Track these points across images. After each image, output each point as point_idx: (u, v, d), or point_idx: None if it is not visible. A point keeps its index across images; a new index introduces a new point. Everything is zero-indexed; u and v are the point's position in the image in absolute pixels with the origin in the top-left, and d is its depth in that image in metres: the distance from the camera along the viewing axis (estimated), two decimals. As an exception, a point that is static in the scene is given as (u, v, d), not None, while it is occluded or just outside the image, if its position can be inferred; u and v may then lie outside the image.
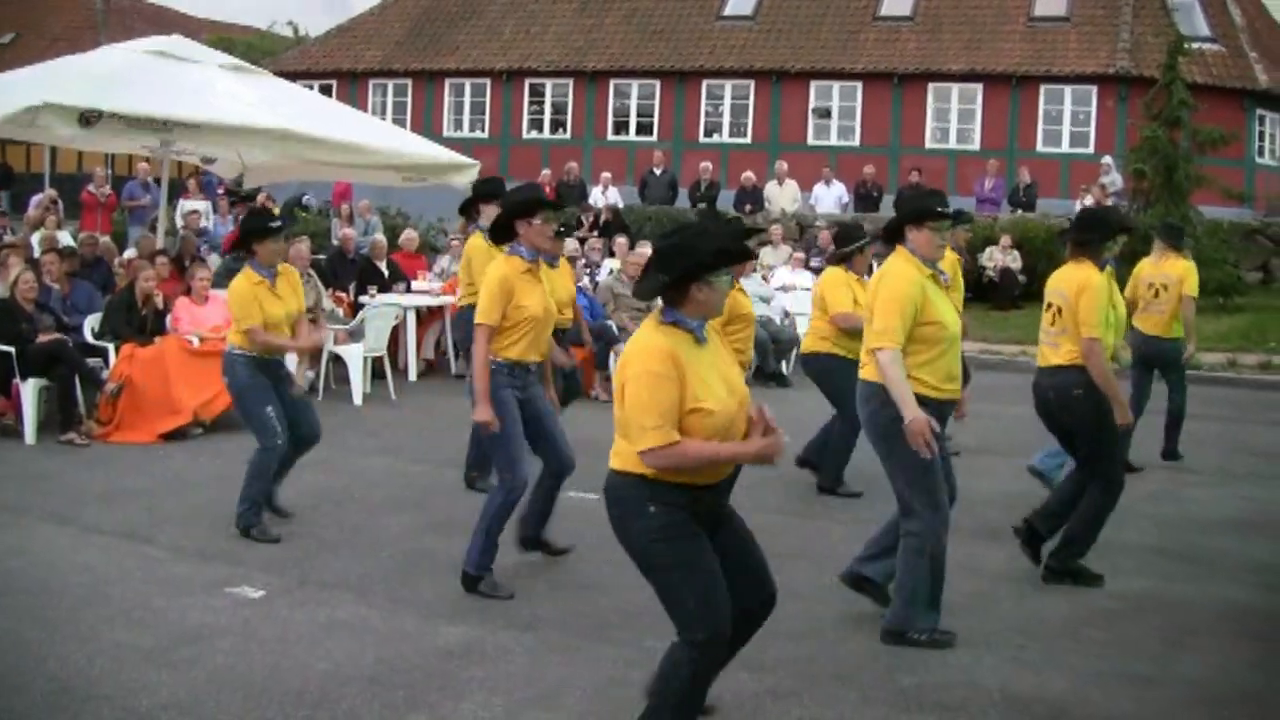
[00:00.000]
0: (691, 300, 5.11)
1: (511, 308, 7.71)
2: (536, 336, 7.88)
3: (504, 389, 7.75)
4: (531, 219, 7.82)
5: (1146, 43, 30.24)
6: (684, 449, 4.98)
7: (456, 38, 35.95)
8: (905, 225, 7.11)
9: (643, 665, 6.49)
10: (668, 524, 5.08)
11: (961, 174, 29.60)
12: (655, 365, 5.00)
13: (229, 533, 8.87)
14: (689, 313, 5.13)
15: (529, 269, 7.85)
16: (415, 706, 5.98)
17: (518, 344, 7.79)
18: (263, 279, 8.95)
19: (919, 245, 7.05)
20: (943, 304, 7.06)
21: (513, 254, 7.89)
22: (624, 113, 34.27)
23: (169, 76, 13.77)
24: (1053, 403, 8.24)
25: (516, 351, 7.79)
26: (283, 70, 28.12)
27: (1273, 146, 32.08)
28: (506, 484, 7.83)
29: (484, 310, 7.70)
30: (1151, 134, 24.12)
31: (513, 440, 7.79)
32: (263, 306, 8.92)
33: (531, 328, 7.80)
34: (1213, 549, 9.22)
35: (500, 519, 7.85)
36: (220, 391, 12.25)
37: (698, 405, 5.02)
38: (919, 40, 32.43)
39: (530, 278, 7.84)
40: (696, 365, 5.07)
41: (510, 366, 7.80)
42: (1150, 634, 7.34)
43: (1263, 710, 6.25)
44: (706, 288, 5.10)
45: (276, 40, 49.99)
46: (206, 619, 7.12)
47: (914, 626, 7.03)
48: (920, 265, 7.03)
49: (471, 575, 7.82)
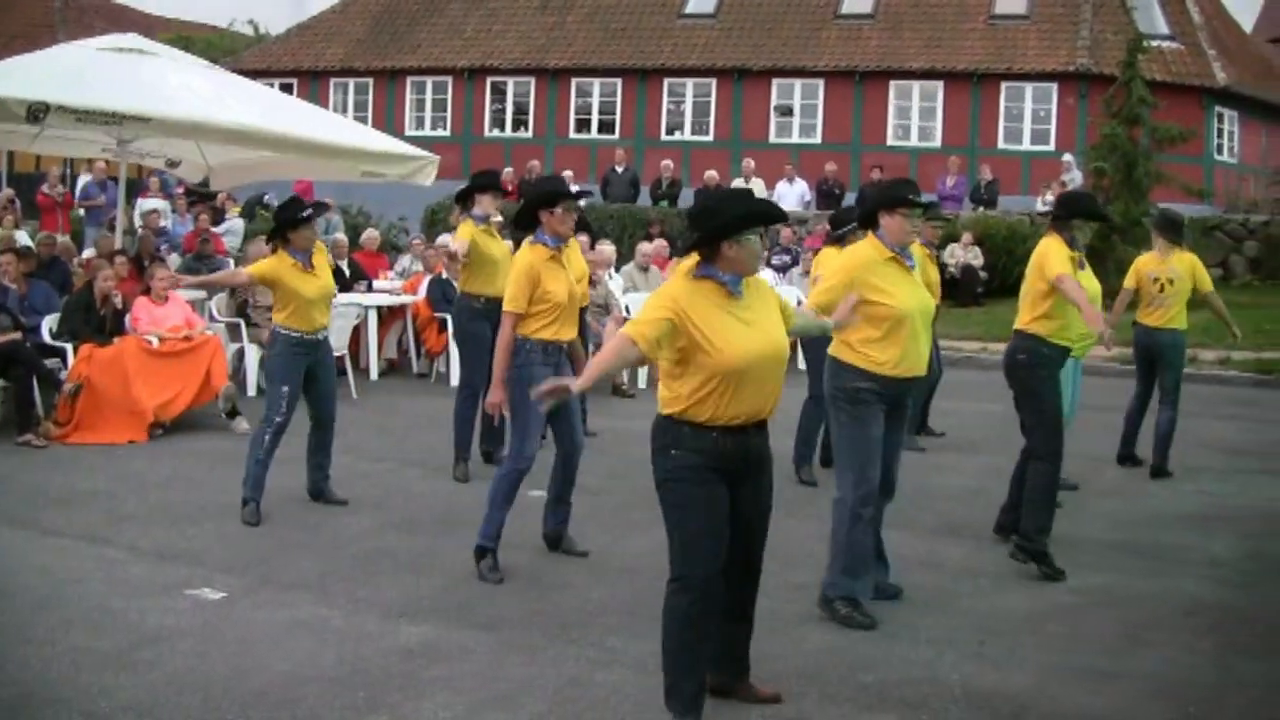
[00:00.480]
0: (723, 257, 5.62)
1: (539, 294, 8.08)
2: (566, 318, 8.25)
3: (538, 366, 8.00)
4: (554, 209, 8.19)
5: (1106, 40, 30.38)
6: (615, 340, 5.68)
7: (418, 36, 35.87)
8: (878, 211, 7.35)
9: (605, 665, 6.51)
10: (682, 467, 5.61)
11: (923, 171, 29.63)
12: (660, 298, 5.64)
13: (189, 534, 8.83)
14: (723, 268, 5.64)
15: (553, 256, 8.21)
16: (376, 707, 5.95)
17: (549, 326, 8.16)
18: (297, 261, 9.45)
19: (890, 231, 7.27)
20: (898, 284, 7.23)
21: (537, 242, 8.23)
22: (586, 111, 34.26)
23: (122, 72, 13.60)
24: (1004, 367, 8.77)
25: (549, 333, 8.17)
26: (243, 69, 28.00)
27: (1231, 144, 32.30)
28: (515, 453, 8.07)
29: (511, 298, 8.09)
30: (1111, 131, 24.21)
31: (533, 415, 7.99)
32: (297, 287, 9.43)
33: (560, 311, 8.17)
34: (1172, 544, 9.27)
35: (504, 484, 8.08)
36: (180, 392, 12.25)
37: (703, 347, 5.53)
38: (880, 38, 32.52)
39: (555, 264, 8.22)
40: (718, 314, 5.59)
41: (544, 345, 8.14)
42: (1110, 629, 7.37)
43: (1221, 704, 6.27)
44: (736, 245, 5.60)
45: (237, 39, 49.69)
46: (166, 621, 7.07)
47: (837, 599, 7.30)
48: (881, 247, 7.25)
49: (480, 546, 8.09)
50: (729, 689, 6.09)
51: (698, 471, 5.60)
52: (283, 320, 9.51)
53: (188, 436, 12.00)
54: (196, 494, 9.88)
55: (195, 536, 8.80)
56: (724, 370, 5.54)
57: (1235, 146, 32.41)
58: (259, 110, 14.33)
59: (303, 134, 14.45)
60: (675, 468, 5.63)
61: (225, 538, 8.82)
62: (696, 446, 5.61)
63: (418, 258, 18.79)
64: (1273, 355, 18.61)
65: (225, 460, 10.94)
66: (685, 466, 5.61)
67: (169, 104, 13.29)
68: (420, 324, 16.65)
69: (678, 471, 5.63)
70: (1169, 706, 6.22)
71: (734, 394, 5.58)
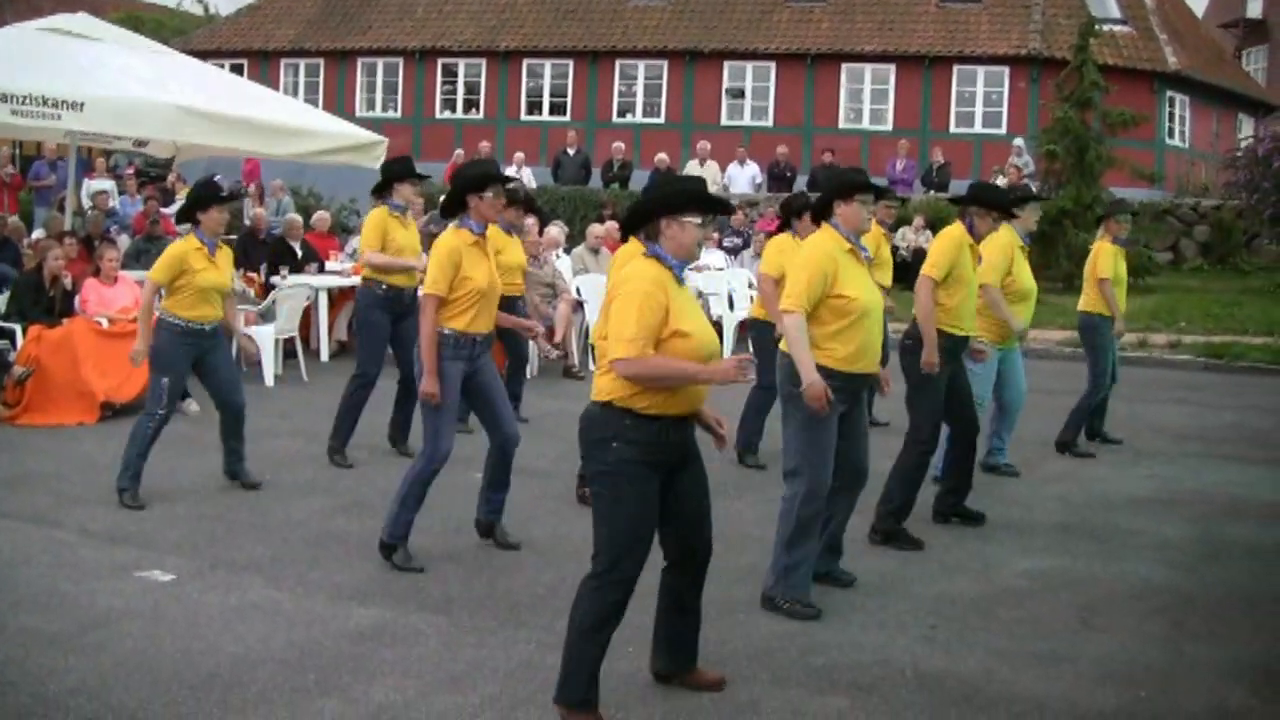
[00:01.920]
0: (664, 235, 5.63)
1: (458, 279, 7.81)
2: (483, 308, 7.97)
3: (448, 360, 7.81)
4: (482, 193, 7.95)
5: (1058, 24, 30.54)
6: (654, 359, 5.43)
7: (369, 17, 35.70)
8: (833, 200, 7.27)
9: (556, 648, 6.45)
10: (623, 461, 5.48)
11: (875, 154, 29.75)
12: (647, 285, 5.50)
13: (138, 516, 8.77)
14: (667, 249, 5.63)
15: (476, 242, 7.97)
16: (326, 690, 5.92)
17: (464, 314, 7.86)
18: (203, 246, 9.23)
19: (845, 219, 7.20)
20: (857, 278, 7.15)
21: (462, 226, 8.00)
22: (537, 93, 34.18)
23: (63, 54, 13.43)
24: (898, 351, 8.90)
25: (463, 323, 7.86)
26: (192, 49, 27.80)
27: (1182, 128, 32.54)
28: (428, 453, 7.89)
29: (432, 280, 7.79)
30: (1063, 115, 24.33)
31: (445, 413, 7.85)
32: (195, 273, 9.16)
33: (478, 299, 7.89)
34: (1121, 527, 9.32)
35: (418, 486, 7.91)
36: (131, 374, 12.11)
37: (677, 328, 5.48)
38: (832, 21, 32.57)
39: (478, 250, 7.97)
40: (678, 297, 5.58)
41: (457, 337, 7.86)
42: (1061, 612, 7.41)
43: (1170, 686, 6.31)
44: (676, 225, 5.61)
45: (186, 19, 49.37)
46: (115, 603, 7.01)
47: (780, 593, 7.19)
48: (840, 239, 7.16)
49: (386, 543, 7.89)
50: (675, 676, 6.07)
51: (637, 467, 5.49)
52: (169, 306, 9.23)
53: (137, 418, 11.90)
54: (146, 476, 9.76)
55: (145, 519, 8.74)
56: (695, 356, 5.50)
57: (1186, 131, 32.66)
58: (206, 95, 14.19)
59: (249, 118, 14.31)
60: (615, 461, 5.49)
61: (175, 520, 8.76)
62: (638, 438, 5.48)
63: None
64: (1222, 339, 18.74)
65: (174, 443, 10.84)
66: (625, 460, 5.48)
67: (108, 87, 13.12)
68: (371, 305, 16.55)
69: (617, 465, 5.49)
70: (1119, 690, 6.25)
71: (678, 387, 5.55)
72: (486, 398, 8.09)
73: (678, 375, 5.47)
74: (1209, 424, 13.59)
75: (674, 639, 6.03)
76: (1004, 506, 9.62)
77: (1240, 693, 6.25)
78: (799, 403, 6.96)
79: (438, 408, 7.77)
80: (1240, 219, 26.30)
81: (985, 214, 8.89)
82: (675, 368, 5.46)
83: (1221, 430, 13.31)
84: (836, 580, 7.64)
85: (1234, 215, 26.41)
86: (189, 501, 9.20)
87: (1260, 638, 7.09)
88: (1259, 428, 13.59)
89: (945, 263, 8.64)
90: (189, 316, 9.22)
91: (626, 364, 5.40)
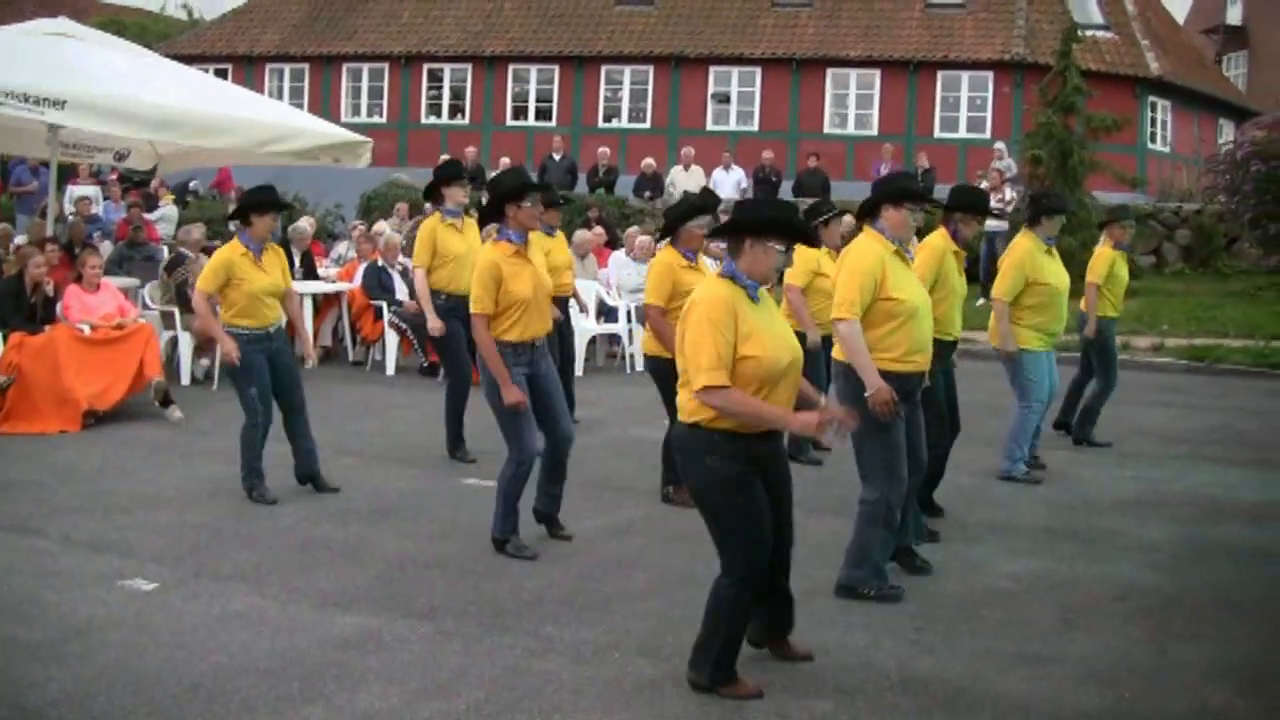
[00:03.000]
0: (744, 255, 5.79)
1: (502, 293, 7.91)
2: (534, 314, 8.10)
3: (511, 368, 7.96)
4: (521, 202, 8.02)
5: (1042, 29, 30.63)
6: (734, 394, 5.62)
7: (354, 22, 35.66)
8: (882, 204, 7.39)
9: (541, 654, 6.49)
10: (723, 475, 5.74)
11: (859, 159, 29.79)
12: (714, 313, 5.66)
13: (121, 524, 8.74)
14: (743, 268, 5.79)
15: (517, 251, 8.05)
16: (311, 698, 5.91)
17: (515, 326, 8.01)
18: (249, 251, 9.28)
19: (892, 224, 7.36)
20: (905, 280, 7.32)
21: (501, 239, 8.06)
22: (523, 98, 34.17)
23: (45, 53, 13.36)
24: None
25: (515, 333, 8.02)
26: (177, 54, 27.67)
27: (1164, 133, 32.64)
28: (515, 458, 8.12)
29: (477, 299, 7.92)
30: (1046, 120, 24.37)
31: (522, 417, 8.02)
32: (246, 278, 9.24)
33: (525, 308, 8.01)
34: (1106, 529, 9.33)
35: (515, 486, 8.17)
36: (113, 381, 12.09)
37: (746, 354, 5.64)
38: (817, 26, 32.61)
39: (519, 260, 8.05)
40: (750, 318, 5.71)
41: (513, 347, 8.00)
42: (1045, 614, 7.41)
43: (1153, 686, 6.32)
44: (759, 248, 5.77)
45: (170, 23, 49.24)
46: (98, 612, 6.98)
47: (865, 584, 7.38)
48: (885, 242, 7.29)
49: (497, 539, 8.19)
50: (771, 645, 6.46)
51: (741, 478, 5.76)
52: (229, 319, 9.35)
53: (120, 426, 11.87)
54: (129, 484, 9.77)
55: (127, 527, 8.70)
56: (764, 378, 5.70)
57: (1168, 136, 32.76)
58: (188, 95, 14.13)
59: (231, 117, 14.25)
60: (717, 480, 5.77)
61: (158, 528, 8.72)
62: (731, 453, 5.73)
63: (353, 244, 18.66)
64: (1204, 342, 18.78)
65: (158, 450, 10.85)
66: (727, 477, 5.75)
67: (90, 85, 13.05)
68: (355, 311, 16.57)
69: (721, 483, 5.76)
70: (1103, 690, 6.26)
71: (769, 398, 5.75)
72: (546, 400, 8.25)
73: (754, 416, 5.70)
74: (1192, 426, 13.62)
75: (770, 614, 6.32)
76: (989, 509, 9.63)
77: (1223, 693, 6.26)
78: (864, 409, 6.95)
79: (509, 413, 7.95)
80: (1221, 223, 26.37)
81: (969, 219, 8.89)
82: (753, 409, 5.68)
83: (1204, 432, 13.34)
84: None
85: (1215, 219, 26.46)
86: (172, 509, 9.17)
87: (1243, 638, 7.11)
88: (1241, 429, 13.62)
89: (929, 273, 8.61)
90: (250, 325, 9.31)
91: (708, 395, 5.62)
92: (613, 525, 8.77)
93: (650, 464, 10.60)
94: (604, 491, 10.00)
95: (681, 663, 6.31)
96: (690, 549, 8.36)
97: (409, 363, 16.11)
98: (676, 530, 8.88)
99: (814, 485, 9.75)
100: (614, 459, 11.18)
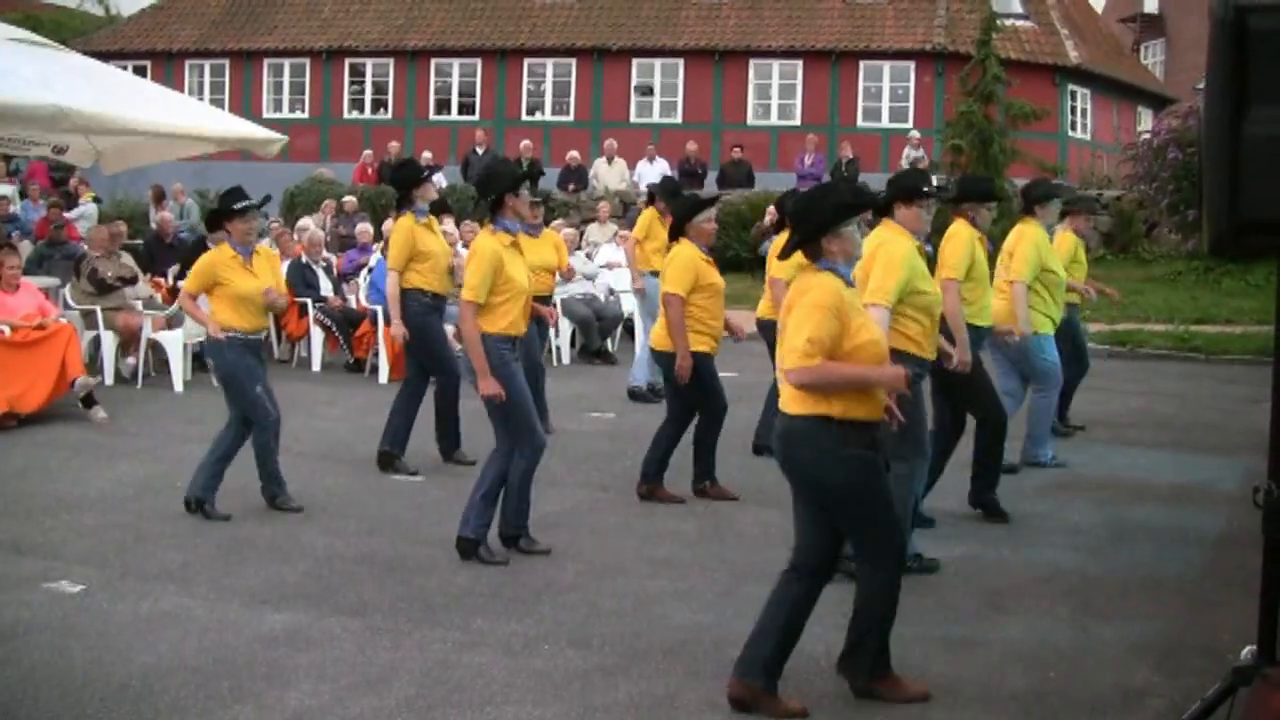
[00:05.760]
0: (825, 251, 5.79)
1: (501, 281, 7.84)
2: (524, 308, 8.07)
3: (512, 362, 7.93)
4: (518, 193, 8.02)
5: (962, 19, 30.85)
6: (828, 366, 5.59)
7: (275, 16, 35.39)
8: (896, 202, 7.60)
9: (471, 647, 6.50)
10: (865, 462, 5.70)
11: (783, 149, 29.93)
12: (825, 299, 5.65)
13: (45, 526, 8.66)
14: (833, 259, 5.80)
15: (514, 241, 8.03)
16: (241, 696, 5.89)
17: (507, 316, 7.91)
18: (238, 254, 9.05)
19: (907, 220, 7.57)
20: (926, 274, 7.61)
21: (499, 229, 8.01)
22: (445, 92, 34.05)
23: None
24: None
25: (504, 323, 7.91)
26: (94, 50, 27.34)
27: (1084, 121, 32.98)
28: (528, 450, 8.02)
29: (474, 288, 7.81)
30: (967, 109, 24.58)
31: (527, 407, 8.00)
32: (236, 282, 9.01)
33: (521, 300, 7.98)
34: (1029, 513, 9.44)
35: (528, 479, 8.11)
36: (34, 383, 11.93)
37: (869, 337, 5.73)
38: (739, 17, 32.68)
39: (515, 250, 8.02)
40: (856, 304, 5.83)
41: (513, 340, 7.97)
42: (971, 598, 7.51)
43: (1077, 666, 6.42)
44: (836, 239, 5.78)
45: (87, 19, 48.57)
46: (22, 615, 6.92)
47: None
48: (909, 236, 7.55)
49: (470, 540, 8.00)
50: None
51: (876, 463, 5.76)
52: (227, 321, 9.02)
53: (43, 427, 11.75)
54: (53, 485, 9.68)
55: (52, 529, 8.62)
56: (881, 359, 5.80)
57: (1088, 123, 33.10)
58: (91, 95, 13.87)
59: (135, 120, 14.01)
60: (862, 466, 5.69)
61: (83, 530, 8.65)
62: (862, 440, 5.69)
63: (275, 241, 18.53)
64: (1126, 327, 19.02)
65: (82, 450, 10.76)
66: (868, 463, 5.72)
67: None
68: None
69: (866, 469, 5.71)
70: (1029, 671, 6.35)
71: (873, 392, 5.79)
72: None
73: (858, 378, 5.69)
74: (1114, 410, 13.78)
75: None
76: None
77: (1144, 670, 6.38)
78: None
79: (513, 405, 7.86)
80: (1141, 209, 26.66)
81: (978, 206, 9.02)
82: (850, 373, 5.66)
83: (1126, 416, 13.52)
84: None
85: (1135, 206, 26.75)
86: (97, 510, 9.09)
87: (1163, 617, 7.24)
88: (1162, 413, 13.83)
89: (962, 262, 8.65)
90: (240, 328, 9.04)
91: (800, 373, 5.59)
92: (539, 518, 8.79)
93: (574, 457, 10.63)
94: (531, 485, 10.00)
95: (612, 653, 6.36)
96: (617, 541, 8.43)
97: (335, 359, 16.02)
98: (603, 523, 8.93)
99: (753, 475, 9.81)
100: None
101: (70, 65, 14.96)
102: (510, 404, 7.86)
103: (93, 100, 13.52)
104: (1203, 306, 20.63)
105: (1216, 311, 20.21)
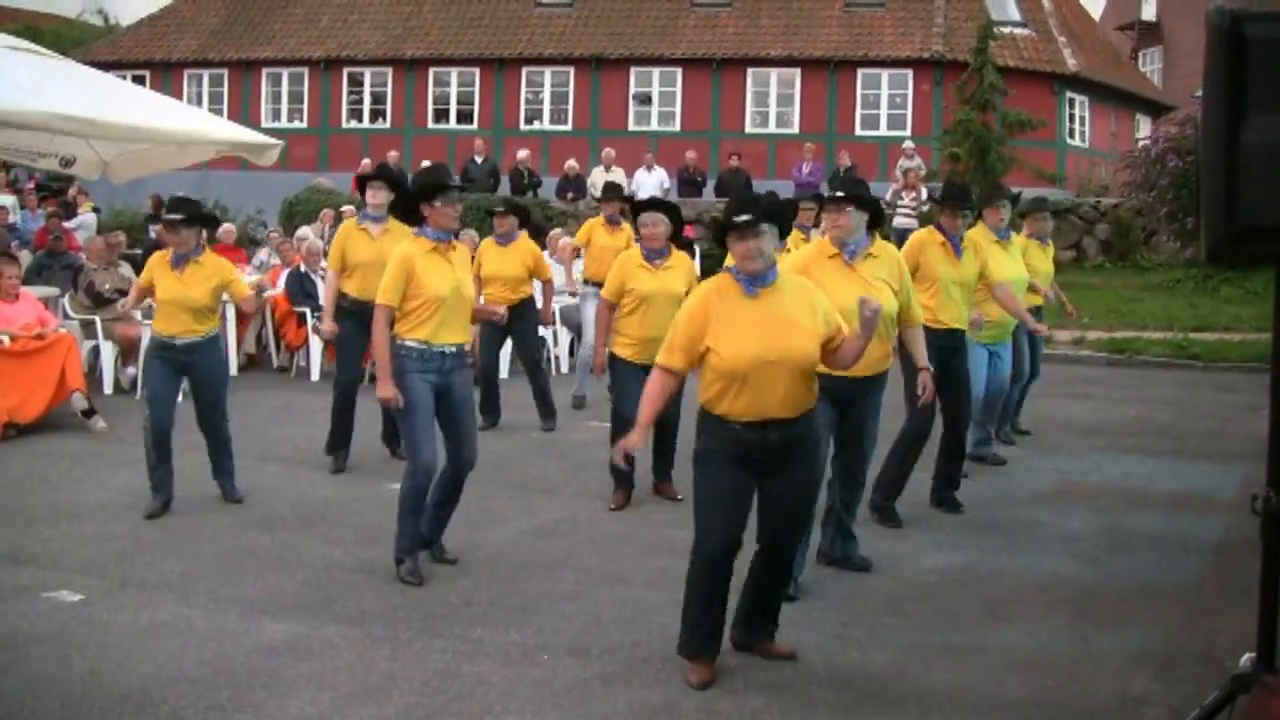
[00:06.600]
0: (732, 253, 6.12)
1: (413, 287, 7.70)
2: (448, 318, 7.82)
3: (411, 373, 7.71)
4: (434, 201, 7.83)
5: (960, 27, 30.90)
6: (653, 379, 6.20)
7: (273, 26, 35.43)
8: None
9: (471, 656, 6.50)
10: (704, 451, 6.13)
11: (781, 157, 29.95)
12: (689, 303, 6.21)
13: (44, 536, 8.66)
14: (739, 266, 6.06)
15: (434, 248, 7.84)
16: (240, 706, 5.89)
17: (425, 324, 7.73)
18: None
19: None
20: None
21: (420, 234, 7.91)
22: (444, 101, 34.07)
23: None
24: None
25: (425, 332, 7.73)
26: (93, 61, 27.47)
27: (1082, 129, 33.00)
28: (410, 468, 7.86)
29: (383, 289, 7.77)
30: (965, 117, 24.61)
31: (416, 424, 7.76)
32: (158, 285, 9.23)
33: (438, 308, 7.73)
34: (1027, 521, 9.45)
35: (409, 501, 7.88)
36: (34, 392, 11.93)
37: (709, 347, 6.01)
38: (737, 25, 32.72)
39: (436, 257, 7.82)
40: (732, 314, 6.02)
41: (421, 350, 7.74)
42: (969, 606, 7.51)
43: (1076, 675, 6.42)
44: (735, 243, 6.03)
45: (87, 29, 48.67)
46: (21, 625, 6.91)
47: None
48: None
49: (396, 556, 7.92)
50: (750, 645, 6.60)
51: (718, 455, 6.08)
52: (156, 323, 9.39)
53: (42, 437, 11.75)
54: (52, 495, 9.68)
55: (51, 539, 8.62)
56: (728, 375, 5.97)
57: (1086, 131, 33.12)
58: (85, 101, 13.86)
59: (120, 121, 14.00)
60: (702, 450, 6.14)
61: (82, 539, 8.64)
62: (717, 433, 6.09)
63: (275, 250, 18.56)
64: (1125, 335, 19.04)
65: (81, 460, 10.76)
66: (709, 450, 6.11)
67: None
68: (279, 318, 16.49)
69: (703, 455, 6.13)
70: (1027, 680, 6.35)
71: (736, 394, 6.01)
72: (453, 416, 7.93)
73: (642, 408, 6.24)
74: (1112, 418, 13.80)
75: (752, 609, 6.58)
76: (912, 503, 9.70)
77: (1143, 678, 6.38)
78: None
79: (403, 414, 7.74)
80: (1139, 217, 26.71)
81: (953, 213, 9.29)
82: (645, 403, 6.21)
83: (1125, 424, 13.53)
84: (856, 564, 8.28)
85: (1133, 214, 26.80)
86: (97, 520, 9.09)
87: (1162, 625, 7.24)
88: (1160, 420, 13.83)
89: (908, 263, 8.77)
90: (158, 330, 9.30)
91: (655, 369, 6.30)
92: (538, 527, 8.79)
93: (572, 465, 10.63)
94: (528, 493, 10.02)
95: (611, 662, 6.37)
96: (616, 550, 8.42)
97: (333, 369, 16.00)
98: (601, 532, 8.93)
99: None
100: (537, 460, 11.19)
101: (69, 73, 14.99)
102: (402, 415, 7.79)
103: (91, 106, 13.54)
104: (1201, 314, 20.68)
105: (1215, 319, 20.25)
